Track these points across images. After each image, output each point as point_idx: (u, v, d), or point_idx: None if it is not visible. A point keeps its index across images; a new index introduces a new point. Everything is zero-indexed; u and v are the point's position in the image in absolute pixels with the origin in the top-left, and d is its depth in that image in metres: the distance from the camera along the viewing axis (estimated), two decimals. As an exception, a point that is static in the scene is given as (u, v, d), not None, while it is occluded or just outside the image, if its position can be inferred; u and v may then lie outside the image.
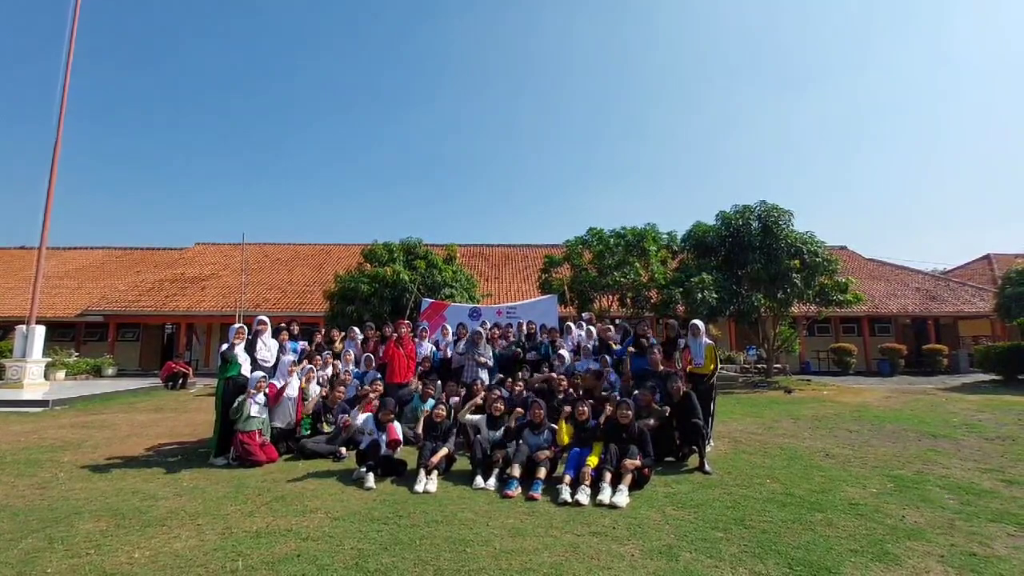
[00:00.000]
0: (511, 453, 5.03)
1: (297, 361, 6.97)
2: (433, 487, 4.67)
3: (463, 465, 5.36)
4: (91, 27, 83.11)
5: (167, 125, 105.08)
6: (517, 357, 8.01)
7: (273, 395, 6.09)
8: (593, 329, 8.61)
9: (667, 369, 6.42)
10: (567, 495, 4.33)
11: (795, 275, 13.79)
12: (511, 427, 5.52)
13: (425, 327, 8.74)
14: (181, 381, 14.54)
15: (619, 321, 9.92)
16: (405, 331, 7.69)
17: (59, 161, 12.90)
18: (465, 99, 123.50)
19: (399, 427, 5.52)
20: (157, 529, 3.71)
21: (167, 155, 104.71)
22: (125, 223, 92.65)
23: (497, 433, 5.53)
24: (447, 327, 9.10)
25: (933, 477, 5.03)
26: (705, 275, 13.70)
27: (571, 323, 8.86)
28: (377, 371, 7.55)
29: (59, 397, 10.87)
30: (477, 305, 12.37)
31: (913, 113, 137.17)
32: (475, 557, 3.22)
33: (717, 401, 6.79)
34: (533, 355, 8.10)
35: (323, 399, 6.71)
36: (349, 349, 8.08)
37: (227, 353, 6.08)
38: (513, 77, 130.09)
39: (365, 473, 4.89)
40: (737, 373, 17.50)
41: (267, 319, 6.77)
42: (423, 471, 4.84)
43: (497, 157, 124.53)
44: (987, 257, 26.91)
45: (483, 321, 9.41)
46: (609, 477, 4.50)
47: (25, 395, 11.13)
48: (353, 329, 8.64)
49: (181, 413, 9.80)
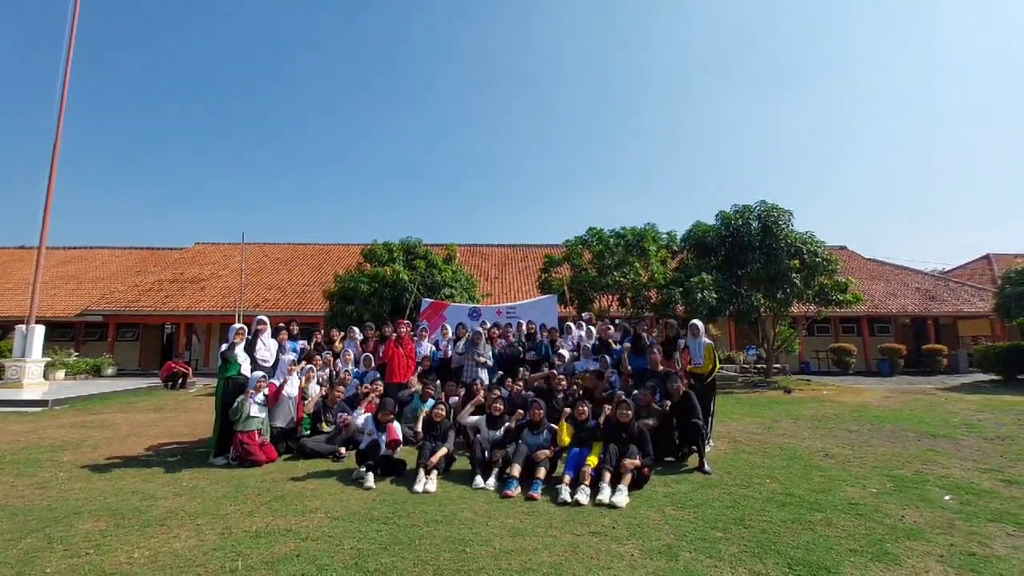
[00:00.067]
0: (511, 453, 5.03)
1: (297, 361, 6.98)
2: (433, 487, 4.68)
3: (463, 465, 5.36)
4: (91, 27, 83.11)
5: (167, 125, 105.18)
6: (519, 357, 8.02)
7: (272, 393, 6.09)
8: (593, 329, 8.62)
9: (667, 369, 6.43)
10: (567, 495, 4.33)
11: (795, 275, 13.80)
12: (511, 427, 5.53)
13: (425, 327, 8.75)
14: (181, 381, 14.55)
15: (619, 321, 9.92)
16: (405, 331, 7.70)
17: (59, 161, 12.91)
18: (465, 98, 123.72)
19: (399, 427, 5.52)
20: (156, 529, 3.71)
21: (167, 155, 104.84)
22: (125, 223, 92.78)
23: (497, 433, 5.53)
24: (447, 327, 9.12)
25: (932, 477, 5.03)
26: (705, 275, 13.70)
27: (571, 323, 8.88)
28: (377, 371, 7.56)
29: (58, 397, 10.86)
30: (477, 305, 12.39)
31: (913, 113, 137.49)
32: (475, 557, 3.22)
33: (717, 401, 6.78)
34: (533, 355, 8.11)
35: (323, 398, 6.72)
36: (349, 349, 8.09)
37: (227, 353, 6.08)
38: (513, 77, 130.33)
39: (365, 473, 4.89)
40: (737, 373, 17.50)
41: (267, 319, 6.77)
42: (422, 471, 4.85)
43: (497, 157, 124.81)
44: (987, 257, 26.91)
45: (483, 321, 9.41)
46: (609, 477, 4.50)
47: (24, 395, 11.13)
48: (353, 329, 8.64)
49: (180, 413, 9.80)
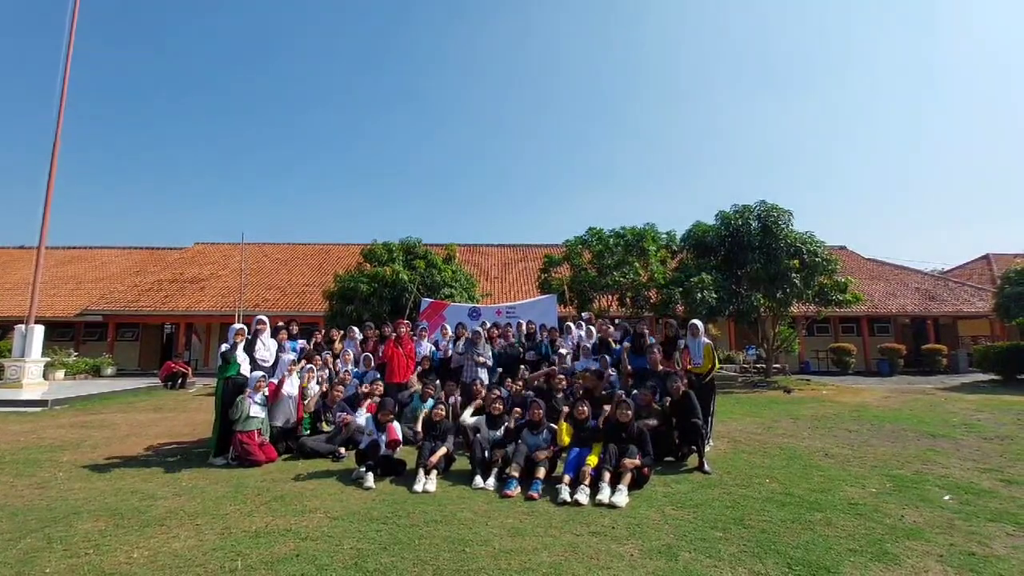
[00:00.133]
0: (510, 453, 5.03)
1: (296, 360, 6.98)
2: (432, 487, 4.68)
3: (462, 465, 5.36)
4: (91, 27, 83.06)
5: (166, 124, 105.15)
6: (518, 356, 8.02)
7: (272, 392, 6.09)
8: (593, 328, 8.61)
9: (667, 369, 6.43)
10: (566, 495, 4.33)
11: (794, 275, 13.81)
12: (510, 427, 5.52)
13: (425, 327, 8.75)
14: (180, 381, 14.55)
15: (619, 321, 9.92)
16: (404, 331, 7.69)
17: (58, 161, 12.90)
18: (464, 98, 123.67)
19: (398, 427, 5.52)
20: (156, 529, 3.71)
21: (167, 155, 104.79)
22: (125, 223, 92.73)
23: (497, 433, 5.53)
24: (446, 327, 9.12)
25: (932, 477, 5.03)
26: (704, 275, 13.71)
27: (571, 323, 8.87)
28: (376, 371, 7.56)
29: (58, 397, 10.85)
30: (477, 305, 12.38)
31: (914, 112, 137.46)
32: (474, 557, 3.22)
33: (716, 401, 6.79)
34: (533, 355, 8.11)
35: (322, 398, 6.72)
36: (348, 349, 8.09)
37: (227, 353, 6.08)
38: (510, 77, 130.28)
39: (364, 473, 4.88)
40: (736, 373, 17.51)
41: (266, 319, 6.77)
42: (422, 471, 4.85)
43: (497, 156, 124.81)
44: (986, 257, 26.91)
45: (482, 321, 9.41)
46: (608, 477, 4.50)
47: (24, 395, 11.12)
48: (352, 329, 8.63)
49: (180, 413, 9.80)
